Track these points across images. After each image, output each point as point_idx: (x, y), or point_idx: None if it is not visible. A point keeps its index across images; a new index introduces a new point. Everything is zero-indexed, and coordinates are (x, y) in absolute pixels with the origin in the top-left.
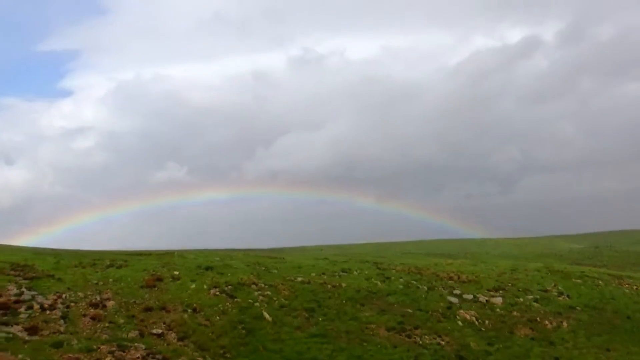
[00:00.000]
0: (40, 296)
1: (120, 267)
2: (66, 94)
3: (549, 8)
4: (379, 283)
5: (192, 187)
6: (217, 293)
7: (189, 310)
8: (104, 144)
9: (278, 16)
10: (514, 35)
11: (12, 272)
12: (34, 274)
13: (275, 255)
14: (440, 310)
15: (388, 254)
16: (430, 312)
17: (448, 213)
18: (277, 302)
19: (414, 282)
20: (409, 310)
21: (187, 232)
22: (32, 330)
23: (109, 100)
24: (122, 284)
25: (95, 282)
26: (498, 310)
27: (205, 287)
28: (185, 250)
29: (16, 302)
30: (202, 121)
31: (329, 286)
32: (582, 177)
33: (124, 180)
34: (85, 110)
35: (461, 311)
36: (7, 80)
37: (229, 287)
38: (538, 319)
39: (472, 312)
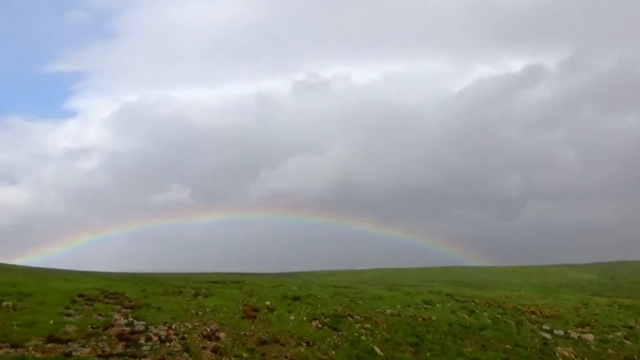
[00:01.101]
0: (151, 326)
1: (207, 296)
2: (71, 114)
3: (552, 38)
4: (466, 317)
5: (194, 209)
6: (320, 325)
7: (303, 344)
8: (107, 165)
9: (283, 42)
10: (517, 64)
11: (108, 300)
12: (129, 302)
13: (292, 279)
14: (537, 346)
15: (410, 281)
16: (528, 349)
17: (447, 239)
18: (379, 335)
19: (499, 317)
20: (508, 346)
21: (188, 254)
22: None
23: (112, 121)
24: (220, 314)
25: (194, 312)
26: (592, 347)
27: (304, 318)
28: (254, 275)
29: (132, 332)
30: (205, 143)
31: (420, 319)
32: (583, 205)
33: (126, 201)
34: (89, 131)
35: (558, 348)
36: (13, 100)
37: (327, 318)
38: (635, 357)
39: (570, 349)
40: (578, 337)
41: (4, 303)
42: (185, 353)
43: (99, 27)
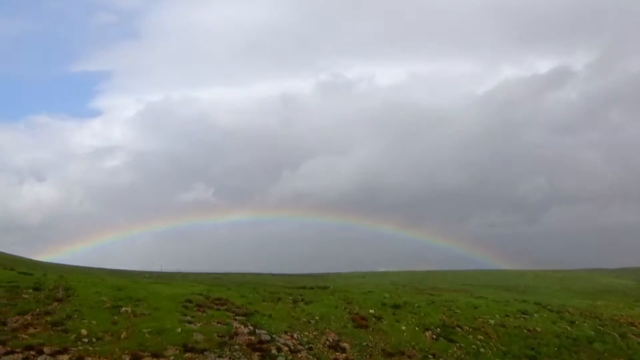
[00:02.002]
0: (275, 335)
1: (307, 302)
2: (96, 113)
3: (580, 39)
4: (568, 328)
5: (218, 208)
6: (434, 336)
7: (430, 356)
8: (131, 164)
9: (307, 42)
10: (544, 65)
11: (217, 307)
12: (238, 309)
13: (321, 282)
14: None
15: (449, 285)
16: None
17: (472, 242)
18: (495, 348)
19: (601, 328)
20: None
21: (211, 253)
22: None
23: (137, 121)
24: (332, 323)
25: (305, 320)
26: None
27: (416, 328)
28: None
29: (260, 342)
30: (229, 143)
31: (525, 330)
32: (609, 209)
33: (150, 200)
34: (114, 130)
35: None
36: (40, 99)
37: (438, 329)
38: None
39: None
40: None
41: (123, 308)
42: None
43: (124, 28)
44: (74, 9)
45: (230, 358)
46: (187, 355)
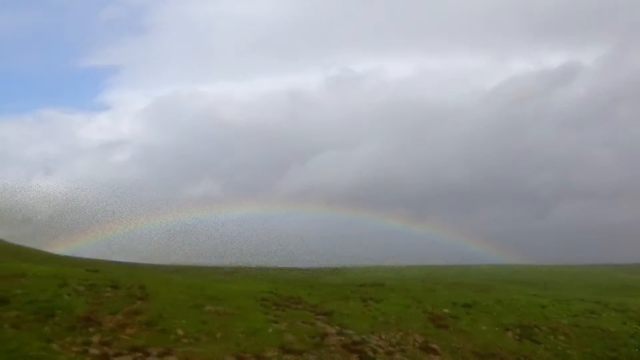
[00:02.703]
0: (364, 337)
1: (377, 301)
2: (104, 108)
3: (591, 33)
4: (639, 327)
5: (225, 203)
6: (517, 337)
7: (522, 358)
8: (139, 158)
9: (316, 37)
10: (554, 60)
11: (294, 305)
12: (314, 308)
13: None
14: None
15: (471, 279)
16: None
17: (479, 237)
18: (578, 348)
19: None
20: None
21: (219, 247)
22: None
23: (145, 115)
24: (412, 322)
25: (382, 319)
26: None
27: (497, 329)
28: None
29: (353, 343)
30: (236, 138)
31: (599, 330)
32: (618, 205)
33: (158, 194)
34: (122, 124)
35: None
36: (48, 93)
37: (517, 329)
38: None
39: None
40: None
41: (207, 307)
42: None
43: (133, 23)
44: (83, 3)
45: None
46: (287, 357)
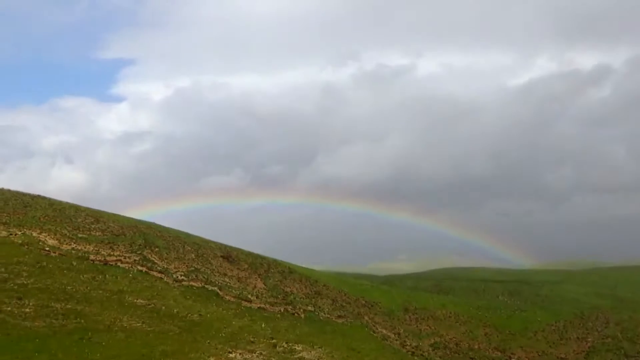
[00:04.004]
0: None
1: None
2: (122, 99)
3: (621, 36)
4: None
5: (245, 192)
6: None
7: None
8: (159, 148)
9: (349, 32)
10: (582, 60)
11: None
12: None
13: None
14: None
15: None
16: None
17: (483, 231)
18: None
19: None
20: None
21: (231, 235)
22: None
23: (165, 106)
24: None
25: None
26: None
27: None
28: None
29: None
30: (262, 129)
31: None
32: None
33: (176, 184)
34: (141, 115)
35: None
36: (66, 83)
37: None
38: None
39: None
40: None
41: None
42: None
43: (154, 15)
44: None
45: None
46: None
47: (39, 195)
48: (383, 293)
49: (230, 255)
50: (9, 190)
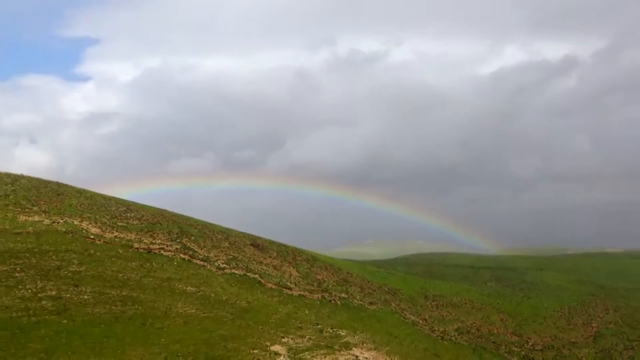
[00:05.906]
0: None
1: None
2: (87, 78)
3: (590, 27)
4: None
5: (215, 175)
6: None
7: None
8: (128, 129)
9: (322, 17)
10: (550, 51)
11: None
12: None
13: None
14: None
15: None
16: None
17: (453, 218)
18: None
19: None
20: None
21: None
22: None
23: (133, 86)
24: None
25: None
26: None
27: None
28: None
29: None
30: (232, 112)
31: None
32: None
33: (145, 166)
34: (107, 95)
35: None
36: (31, 61)
37: None
38: None
39: None
40: None
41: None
42: None
43: None
44: None
45: None
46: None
47: (58, 182)
48: (401, 280)
49: (258, 243)
50: (28, 177)
